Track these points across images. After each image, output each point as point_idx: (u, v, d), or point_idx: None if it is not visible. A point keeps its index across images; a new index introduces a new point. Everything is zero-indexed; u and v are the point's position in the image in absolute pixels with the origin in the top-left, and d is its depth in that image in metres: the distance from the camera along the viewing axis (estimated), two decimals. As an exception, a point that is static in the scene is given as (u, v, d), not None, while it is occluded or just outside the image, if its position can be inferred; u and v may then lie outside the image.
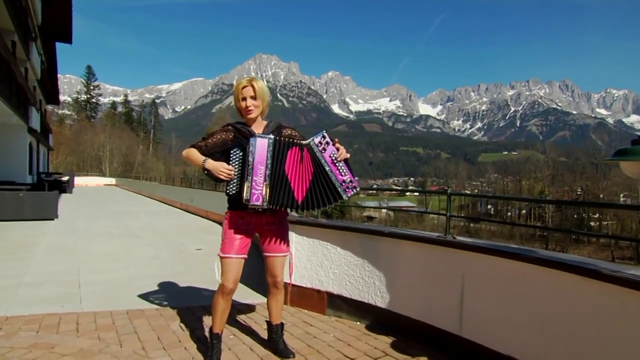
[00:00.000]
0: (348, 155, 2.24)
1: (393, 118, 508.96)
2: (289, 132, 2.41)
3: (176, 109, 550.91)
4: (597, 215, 51.28)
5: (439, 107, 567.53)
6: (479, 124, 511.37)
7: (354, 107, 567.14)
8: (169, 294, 3.85)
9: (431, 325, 2.68)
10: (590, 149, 64.67)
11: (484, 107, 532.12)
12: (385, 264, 3.03)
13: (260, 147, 2.15)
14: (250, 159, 2.15)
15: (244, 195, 2.15)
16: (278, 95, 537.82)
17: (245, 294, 3.84)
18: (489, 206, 69.22)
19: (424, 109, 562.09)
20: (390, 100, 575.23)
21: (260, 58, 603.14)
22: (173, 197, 14.73)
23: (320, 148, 2.19)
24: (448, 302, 2.59)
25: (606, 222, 47.81)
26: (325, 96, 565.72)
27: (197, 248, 6.35)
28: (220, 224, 8.97)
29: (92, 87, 77.44)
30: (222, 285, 2.31)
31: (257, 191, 2.14)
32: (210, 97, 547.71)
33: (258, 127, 2.39)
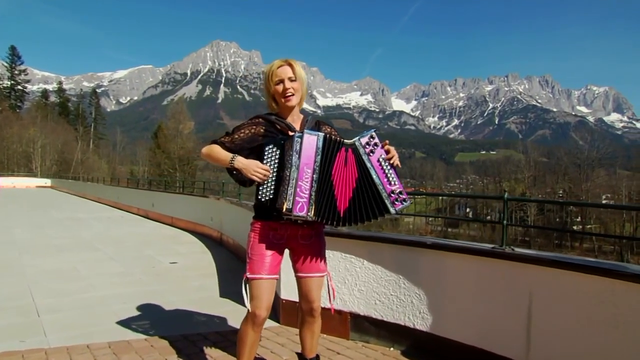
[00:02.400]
0: (398, 163, 2.04)
1: (364, 114, 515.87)
2: (329, 130, 2.20)
3: (121, 100, 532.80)
4: (579, 218, 54.02)
5: (414, 103, 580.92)
6: (456, 121, 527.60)
7: (322, 102, 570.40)
8: (154, 320, 3.52)
9: (489, 351, 2.54)
10: (572, 149, 67.72)
11: (460, 103, 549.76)
12: (426, 280, 2.87)
13: (308, 145, 1.91)
14: (295, 159, 1.90)
15: (285, 204, 1.90)
16: (238, 87, 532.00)
17: (241, 317, 3.56)
18: (467, 209, 71.28)
19: (398, 104, 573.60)
20: (361, 95, 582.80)
21: (217, 45, 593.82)
22: (128, 201, 14.04)
23: (368, 150, 1.98)
24: (510, 325, 2.45)
25: (590, 226, 50.32)
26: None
27: (171, 261, 5.98)
28: (190, 232, 8.58)
29: (17, 72, 72.61)
30: (252, 313, 2.05)
31: (302, 199, 1.89)
32: (160, 87, 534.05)
33: (294, 121, 2.15)
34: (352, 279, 3.21)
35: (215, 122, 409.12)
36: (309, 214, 1.90)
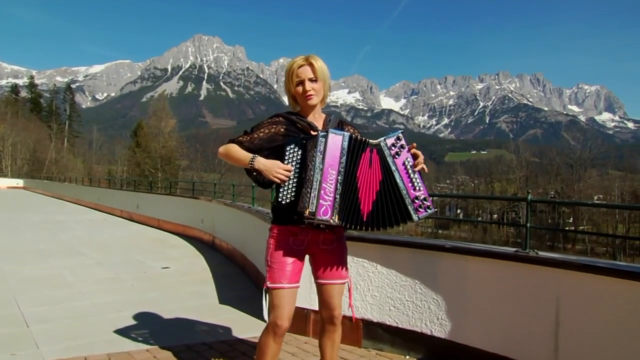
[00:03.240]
0: (425, 167, 2.03)
1: (352, 112, 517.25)
2: (351, 131, 2.17)
3: (97, 97, 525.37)
4: (572, 219, 55.08)
5: (403, 101, 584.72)
6: (446, 120, 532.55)
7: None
8: (154, 329, 3.44)
9: (513, 359, 2.53)
10: (564, 148, 68.89)
11: (451, 102, 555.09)
12: (445, 285, 2.86)
13: (333, 145, 1.88)
14: (319, 159, 1.87)
15: (309, 207, 1.86)
16: (221, 83, 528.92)
17: (245, 325, 3.54)
18: (458, 210, 72.01)
19: (386, 102, 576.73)
20: (349, 92, 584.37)
21: (200, 40, 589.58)
22: (110, 202, 13.82)
23: (393, 152, 1.95)
24: (537, 331, 2.45)
25: (582, 227, 51.31)
26: (275, 86, 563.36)
27: (163, 267, 5.89)
28: (179, 235, 8.47)
29: (-17, 66, 70.89)
30: (273, 324, 2.00)
31: (326, 202, 1.86)
32: (139, 83, 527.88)
33: (316, 120, 2.12)
34: (364, 284, 3.18)
35: (198, 119, 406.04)
36: (332, 217, 1.87)
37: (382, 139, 1.98)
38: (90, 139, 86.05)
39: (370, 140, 1.97)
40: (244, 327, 3.53)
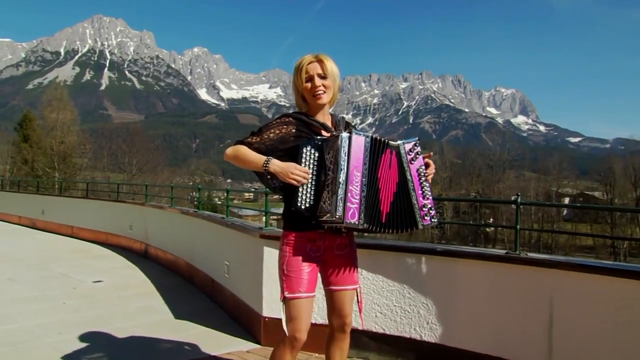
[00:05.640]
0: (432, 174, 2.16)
1: (273, 108, 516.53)
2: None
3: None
4: (492, 219, 59.72)
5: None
6: (370, 119, 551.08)
7: (226, 94, 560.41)
8: (110, 352, 3.23)
9: (506, 359, 2.74)
10: (485, 149, 74.57)
11: (375, 100, 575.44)
12: (435, 288, 3.01)
13: (357, 147, 1.95)
14: (343, 161, 1.92)
15: (336, 211, 1.89)
16: (126, 72, 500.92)
17: (213, 341, 3.46)
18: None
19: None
20: (270, 87, 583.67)
21: (100, 21, 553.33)
22: (3, 208, 12.50)
23: (410, 157, 2.07)
24: (530, 331, 2.67)
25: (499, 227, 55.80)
26: (189, 78, 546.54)
27: (94, 280, 5.50)
28: (101, 244, 7.96)
29: None
30: (291, 337, 2.01)
31: (353, 205, 1.92)
32: (23, 67, 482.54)
33: (325, 121, 2.17)
34: (348, 291, 3.24)
35: (98, 112, 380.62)
36: (359, 221, 1.92)
37: (402, 142, 2.08)
38: (-39, 132, 77.16)
39: (391, 142, 2.06)
40: (213, 342, 3.43)
